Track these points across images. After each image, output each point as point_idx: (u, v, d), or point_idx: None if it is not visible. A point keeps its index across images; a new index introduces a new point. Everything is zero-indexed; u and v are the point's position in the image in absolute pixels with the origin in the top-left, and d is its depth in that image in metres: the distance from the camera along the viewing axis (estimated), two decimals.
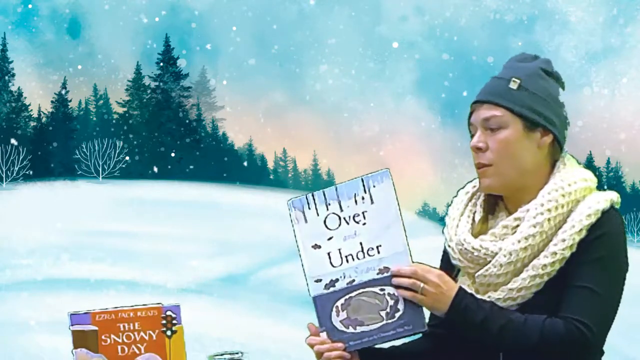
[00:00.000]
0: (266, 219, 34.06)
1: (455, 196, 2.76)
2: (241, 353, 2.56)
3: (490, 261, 2.56)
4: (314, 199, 2.59)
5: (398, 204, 2.53)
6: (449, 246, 2.66)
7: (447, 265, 2.69)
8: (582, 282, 2.50)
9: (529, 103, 2.60)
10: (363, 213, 2.53)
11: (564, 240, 2.52)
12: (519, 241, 2.54)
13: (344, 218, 2.54)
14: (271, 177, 47.15)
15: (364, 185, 2.55)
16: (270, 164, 47.95)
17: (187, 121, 45.53)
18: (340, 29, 46.71)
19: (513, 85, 2.61)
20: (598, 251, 2.52)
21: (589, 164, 44.77)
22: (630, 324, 22.48)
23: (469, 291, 2.54)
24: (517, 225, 2.58)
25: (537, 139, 2.60)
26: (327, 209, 2.57)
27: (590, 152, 44.69)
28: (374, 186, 2.54)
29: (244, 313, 22.36)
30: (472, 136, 2.65)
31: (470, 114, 2.65)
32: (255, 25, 46.36)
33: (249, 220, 33.38)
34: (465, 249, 2.59)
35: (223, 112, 46.89)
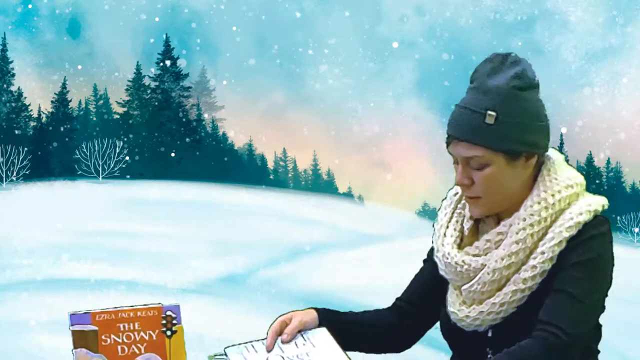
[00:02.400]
0: (266, 219, 34.07)
1: (445, 198, 2.72)
2: None
3: (473, 276, 2.53)
4: (252, 347, 2.51)
5: (344, 352, 2.48)
6: (437, 257, 2.63)
7: (434, 264, 2.68)
8: (558, 285, 2.46)
9: (509, 136, 2.48)
10: (307, 353, 2.48)
11: (543, 253, 2.48)
12: (502, 259, 2.50)
13: (287, 357, 2.48)
14: (271, 177, 47.16)
15: (302, 336, 2.52)
16: (270, 164, 47.97)
17: (187, 121, 45.54)
18: (340, 29, 46.73)
19: (489, 120, 2.47)
20: (576, 256, 2.48)
21: (589, 164, 44.78)
22: (630, 324, 22.48)
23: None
24: (500, 240, 2.53)
25: (522, 164, 2.52)
26: (267, 353, 2.50)
27: (590, 152, 44.71)
28: (312, 336, 2.51)
29: (244, 313, 22.35)
30: (453, 157, 2.57)
31: (448, 144, 2.55)
32: (255, 25, 46.37)
33: (249, 220, 33.38)
34: (449, 263, 2.57)
35: (223, 112, 46.92)
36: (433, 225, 2.71)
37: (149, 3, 45.05)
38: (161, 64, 45.27)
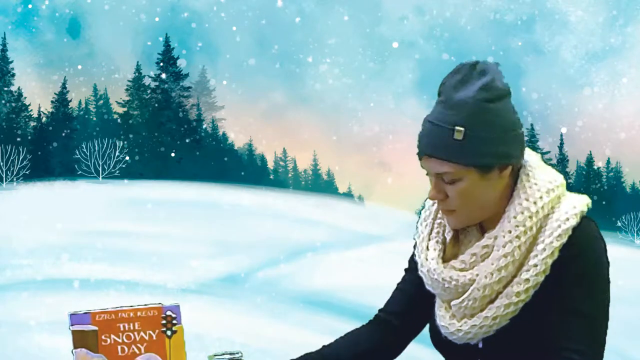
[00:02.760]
0: (266, 219, 34.08)
1: (422, 208, 2.68)
2: (241, 353, 2.54)
3: (461, 292, 2.49)
4: None
5: None
6: (421, 271, 2.57)
7: (417, 271, 2.63)
8: (568, 306, 2.42)
9: (479, 151, 2.41)
10: None
11: (536, 266, 2.43)
12: (492, 274, 2.45)
13: None
14: (271, 177, 47.18)
15: None
16: (270, 164, 47.99)
17: (187, 121, 45.56)
18: (340, 29, 46.74)
19: (458, 136, 2.40)
20: (576, 270, 2.42)
21: (589, 164, 44.79)
22: (630, 324, 22.49)
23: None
24: (486, 253, 2.48)
25: (496, 176, 2.45)
26: None
27: (590, 152, 44.73)
28: None
29: (244, 313, 22.36)
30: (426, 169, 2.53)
31: (420, 158, 2.49)
32: (255, 25, 46.38)
33: (249, 220, 33.39)
34: (436, 279, 2.51)
35: (223, 112, 46.94)
36: (414, 238, 2.65)
37: (149, 3, 45.08)
38: (161, 64, 45.29)
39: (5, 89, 43.06)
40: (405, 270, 2.73)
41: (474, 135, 2.41)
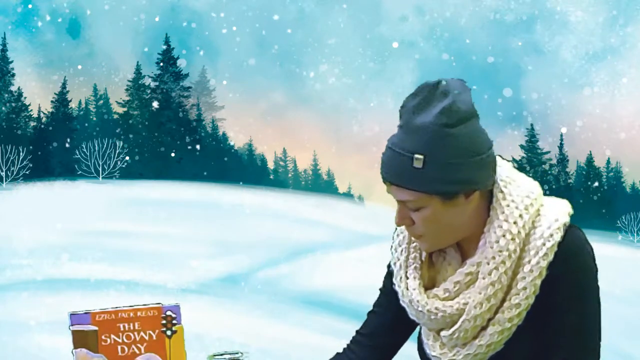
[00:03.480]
0: (266, 219, 34.06)
1: (394, 231, 2.56)
2: (241, 353, 2.54)
3: (450, 322, 2.41)
4: None
5: None
6: (403, 302, 2.50)
7: (392, 294, 2.56)
8: (563, 323, 2.38)
9: (440, 179, 2.32)
10: None
11: (525, 289, 2.36)
12: (481, 304, 2.37)
13: None
14: (271, 177, 47.14)
15: None
16: (270, 164, 47.95)
17: (187, 121, 45.55)
18: (340, 29, 46.72)
19: (417, 164, 2.31)
20: (568, 288, 2.38)
21: (589, 164, 44.78)
22: (630, 324, 22.47)
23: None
24: (470, 280, 2.40)
25: (462, 201, 2.36)
26: None
27: (590, 152, 44.68)
28: None
29: (244, 313, 22.35)
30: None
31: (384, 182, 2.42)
32: (255, 25, 46.35)
33: (249, 220, 33.38)
34: (421, 311, 2.44)
35: (223, 112, 46.92)
36: (389, 264, 2.57)
37: (149, 3, 45.05)
38: (161, 64, 45.28)
39: (6, 88, 43.06)
40: (380, 290, 2.64)
41: (434, 162, 2.31)
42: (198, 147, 44.92)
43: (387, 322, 2.61)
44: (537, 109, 45.23)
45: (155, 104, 44.62)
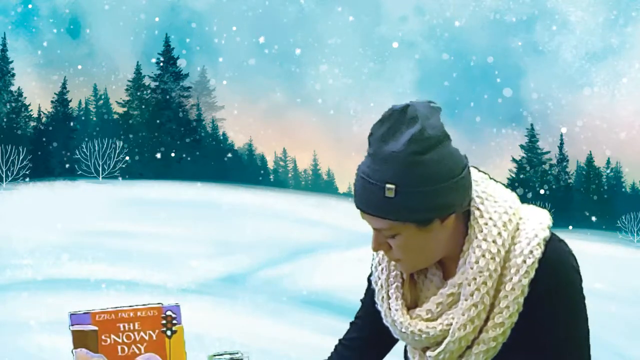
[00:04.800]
0: (266, 219, 34.06)
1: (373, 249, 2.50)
2: (241, 353, 2.54)
3: (434, 342, 2.39)
4: None
5: None
6: (387, 322, 2.48)
7: (373, 307, 2.55)
8: (552, 338, 2.35)
9: (413, 207, 2.29)
10: None
11: (508, 307, 2.33)
12: (465, 326, 2.34)
13: None
14: (271, 177, 47.15)
15: None
16: (270, 164, 47.95)
17: (187, 121, 45.56)
18: (340, 29, 46.72)
19: (389, 194, 2.27)
20: (552, 304, 2.35)
21: (589, 164, 44.78)
22: (630, 324, 22.47)
23: None
24: (452, 301, 2.38)
25: (437, 226, 2.34)
26: None
27: (590, 152, 44.68)
28: None
29: (244, 313, 22.36)
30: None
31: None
32: (255, 25, 46.36)
33: (249, 220, 33.38)
34: (404, 332, 2.43)
35: (223, 112, 46.92)
36: (368, 279, 2.57)
37: (149, 3, 45.06)
38: (161, 64, 45.29)
39: (6, 88, 43.06)
40: (361, 301, 2.64)
41: (406, 191, 2.28)
42: (198, 147, 44.94)
43: (367, 335, 2.60)
44: (537, 109, 45.22)
45: (155, 104, 44.63)
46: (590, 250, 29.94)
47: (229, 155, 45.87)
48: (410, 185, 2.28)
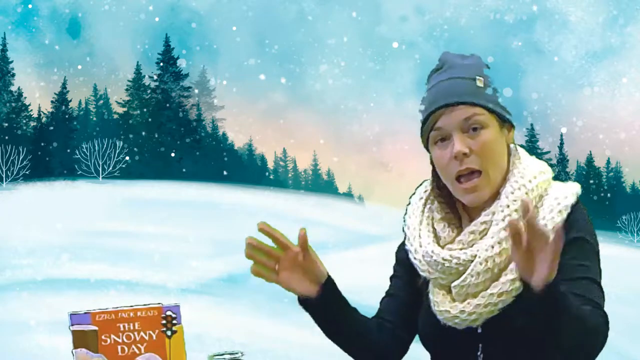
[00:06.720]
0: (266, 219, 34.01)
1: (409, 204, 2.67)
2: (241, 353, 2.54)
3: (462, 270, 2.45)
4: None
5: None
6: (415, 258, 2.55)
7: (405, 274, 2.62)
8: (568, 262, 2.40)
9: (497, 100, 2.55)
10: None
11: None
12: (492, 247, 2.43)
13: None
14: (271, 177, 47.17)
15: None
16: (270, 164, 47.98)
17: (187, 121, 45.57)
18: (340, 29, 46.74)
19: (480, 84, 2.54)
20: (577, 240, 2.46)
21: (589, 164, 44.79)
22: (630, 324, 22.47)
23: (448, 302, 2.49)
24: (484, 230, 2.48)
25: (506, 135, 2.56)
26: None
27: (590, 152, 44.71)
28: None
29: (244, 313, 22.36)
30: (435, 145, 2.54)
31: (435, 121, 2.52)
32: (255, 25, 46.39)
33: (249, 220, 33.30)
34: (435, 260, 2.49)
35: (223, 112, 46.93)
36: (403, 229, 2.65)
37: (148, 3, 45.05)
38: (161, 64, 45.30)
39: (6, 88, 43.07)
40: (391, 277, 2.69)
41: (490, 86, 2.55)
42: (198, 147, 44.95)
43: (398, 302, 2.66)
44: (537, 109, 45.24)
45: (155, 104, 44.64)
46: None
47: (229, 155, 45.89)
48: (491, 83, 2.57)
